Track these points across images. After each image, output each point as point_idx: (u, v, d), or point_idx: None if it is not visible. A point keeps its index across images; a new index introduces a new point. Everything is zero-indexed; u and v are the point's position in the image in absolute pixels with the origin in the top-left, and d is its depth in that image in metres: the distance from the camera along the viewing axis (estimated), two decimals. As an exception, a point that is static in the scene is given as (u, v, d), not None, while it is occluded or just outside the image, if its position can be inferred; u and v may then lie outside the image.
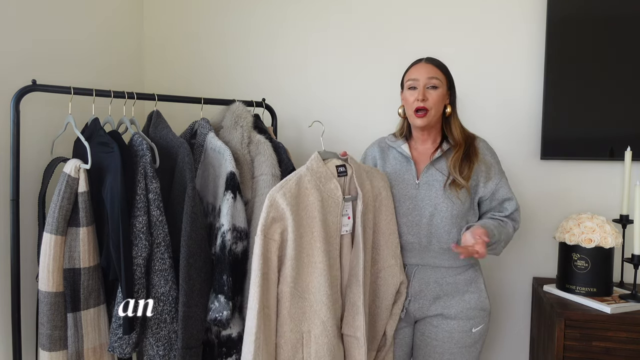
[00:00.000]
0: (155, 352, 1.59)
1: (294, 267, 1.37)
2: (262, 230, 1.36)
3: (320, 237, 1.40)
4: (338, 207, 1.45)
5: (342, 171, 1.48)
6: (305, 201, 1.41)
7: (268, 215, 1.37)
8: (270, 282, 1.38)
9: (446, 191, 1.56)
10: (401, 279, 1.56)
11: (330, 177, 1.45)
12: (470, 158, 1.57)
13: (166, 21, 2.39)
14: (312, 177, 1.43)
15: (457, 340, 1.57)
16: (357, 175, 1.49)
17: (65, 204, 1.50)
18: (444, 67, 1.60)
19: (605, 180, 2.04)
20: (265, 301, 1.37)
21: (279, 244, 1.38)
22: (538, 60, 2.07)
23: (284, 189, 1.39)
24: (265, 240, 1.37)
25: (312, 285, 1.39)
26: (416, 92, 1.55)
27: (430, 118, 1.56)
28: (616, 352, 1.62)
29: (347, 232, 1.47)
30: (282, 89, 2.30)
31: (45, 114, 1.75)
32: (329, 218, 1.44)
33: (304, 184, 1.42)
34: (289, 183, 1.41)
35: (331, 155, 1.50)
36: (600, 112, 1.97)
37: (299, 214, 1.39)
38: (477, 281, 1.62)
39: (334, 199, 1.45)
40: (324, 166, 1.45)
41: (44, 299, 1.50)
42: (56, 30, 1.84)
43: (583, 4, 1.97)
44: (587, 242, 1.74)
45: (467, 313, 1.58)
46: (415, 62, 1.62)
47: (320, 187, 1.43)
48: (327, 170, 1.45)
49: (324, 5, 2.25)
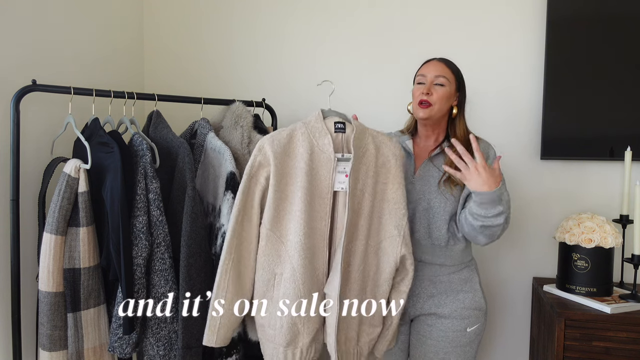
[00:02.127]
0: (155, 352, 1.59)
1: (273, 210, 1.44)
2: (248, 172, 1.44)
3: (303, 187, 1.42)
4: (331, 163, 1.45)
5: (339, 127, 1.48)
6: (293, 152, 1.45)
7: (255, 159, 1.45)
8: (252, 221, 1.45)
9: (441, 187, 1.57)
10: (402, 252, 1.50)
11: (325, 133, 1.46)
12: None
13: (166, 21, 2.39)
14: (306, 130, 1.47)
15: (452, 340, 1.57)
16: (356, 136, 1.47)
17: (65, 204, 1.50)
18: (455, 68, 1.62)
19: (605, 180, 2.04)
20: (244, 238, 1.45)
21: (264, 187, 1.45)
22: (538, 60, 2.07)
23: (274, 137, 1.45)
24: (251, 180, 1.44)
25: (289, 232, 1.43)
26: (422, 87, 1.58)
27: (432, 112, 1.57)
28: (616, 352, 1.62)
29: (342, 190, 1.47)
30: (282, 88, 2.30)
31: (45, 114, 1.75)
32: (321, 172, 1.45)
33: (297, 136, 1.46)
34: (281, 133, 1.46)
35: (335, 114, 1.51)
36: (600, 112, 1.97)
37: (284, 163, 1.44)
38: (472, 280, 1.62)
39: (326, 154, 1.46)
40: (322, 122, 1.48)
41: (44, 299, 1.50)
42: (56, 31, 1.84)
43: (583, 4, 1.97)
44: (587, 242, 1.74)
45: (461, 312, 1.58)
46: (428, 60, 1.65)
47: (313, 142, 1.46)
48: (323, 126, 1.47)
49: (326, 6, 2.25)
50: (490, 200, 1.42)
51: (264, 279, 1.46)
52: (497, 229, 1.48)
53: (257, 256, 1.47)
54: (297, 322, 1.44)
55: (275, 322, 1.45)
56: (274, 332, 1.46)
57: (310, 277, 1.44)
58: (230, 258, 1.44)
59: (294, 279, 1.42)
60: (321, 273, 1.47)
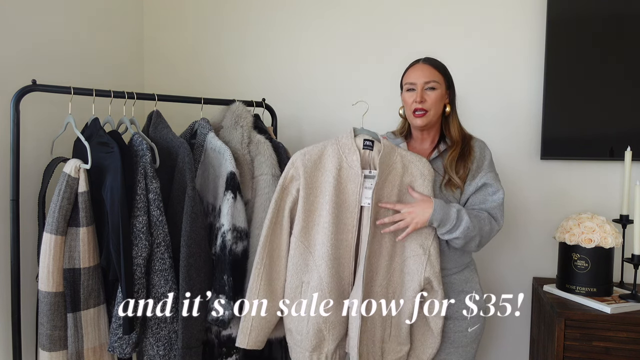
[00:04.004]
0: (155, 352, 1.59)
1: (302, 221, 1.52)
2: (281, 184, 1.54)
3: (331, 201, 1.49)
4: (358, 178, 1.51)
5: (367, 144, 1.54)
6: (323, 166, 1.54)
7: (288, 172, 1.55)
8: (283, 229, 1.54)
9: (442, 191, 1.56)
10: (427, 274, 1.49)
11: (354, 150, 1.53)
12: (466, 157, 1.56)
13: (166, 21, 2.39)
14: (337, 146, 1.55)
15: (453, 340, 1.57)
16: (383, 154, 1.51)
17: (65, 204, 1.50)
18: (442, 67, 1.60)
19: (605, 180, 2.04)
20: (275, 245, 1.54)
21: (295, 198, 1.53)
22: (538, 60, 2.07)
23: (306, 152, 1.55)
24: (283, 192, 1.54)
25: (317, 242, 1.50)
26: (414, 94, 1.56)
27: (429, 118, 1.57)
28: (616, 352, 1.62)
29: (368, 205, 1.50)
30: (282, 89, 2.30)
31: (45, 114, 1.75)
32: (349, 187, 1.52)
33: (327, 152, 1.55)
34: (313, 149, 1.56)
35: (367, 132, 1.56)
36: (600, 112, 1.97)
37: (314, 176, 1.53)
38: (473, 281, 1.62)
39: (354, 170, 1.52)
40: (352, 140, 1.54)
41: (44, 299, 1.49)
42: (56, 31, 1.84)
43: (583, 4, 1.97)
44: (587, 242, 1.74)
45: (462, 313, 1.57)
46: (413, 63, 1.62)
47: (342, 157, 1.53)
48: (352, 143, 1.54)
49: (325, 6, 2.25)
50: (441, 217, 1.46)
51: (293, 285, 1.53)
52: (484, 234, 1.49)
53: (287, 263, 1.54)
54: (322, 329, 1.49)
55: (302, 327, 1.51)
56: (301, 337, 1.52)
57: (336, 286, 1.49)
58: (262, 263, 1.53)
59: (321, 287, 1.48)
60: (347, 283, 1.52)
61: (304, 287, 1.51)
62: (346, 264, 1.51)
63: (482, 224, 1.49)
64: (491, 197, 1.54)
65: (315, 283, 1.48)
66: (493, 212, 1.53)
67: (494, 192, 1.54)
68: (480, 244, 1.52)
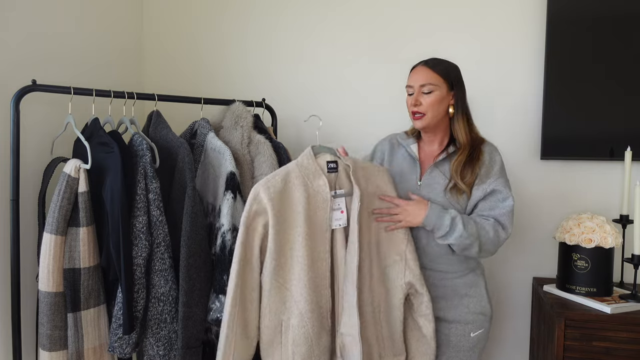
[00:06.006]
0: (155, 352, 1.59)
1: (275, 259, 1.42)
2: (244, 222, 1.41)
3: (303, 232, 1.42)
4: (327, 203, 1.45)
5: (332, 167, 1.48)
6: (290, 197, 1.43)
7: (251, 208, 1.42)
8: (253, 270, 1.43)
9: (447, 195, 1.54)
10: (408, 279, 1.50)
11: (319, 174, 1.46)
12: (474, 162, 1.54)
13: (166, 21, 2.39)
14: (300, 172, 1.45)
15: (455, 344, 1.57)
16: (353, 171, 1.48)
17: (65, 204, 1.50)
18: (443, 68, 1.57)
19: (605, 180, 2.04)
20: (247, 288, 1.43)
21: (262, 235, 1.42)
22: (538, 60, 2.06)
23: (269, 183, 1.43)
24: (247, 231, 1.41)
25: (293, 278, 1.42)
26: (412, 98, 1.57)
27: (427, 121, 1.55)
28: (616, 352, 1.62)
29: (340, 226, 1.47)
30: (282, 89, 2.30)
31: (45, 114, 1.75)
32: (318, 214, 1.44)
33: (291, 180, 1.44)
34: (275, 178, 1.44)
35: (325, 150, 1.50)
36: (600, 112, 1.97)
37: (283, 209, 1.42)
38: (478, 285, 1.60)
39: (322, 195, 1.45)
40: (314, 162, 1.46)
41: (44, 299, 1.49)
42: (56, 30, 1.84)
43: (583, 4, 1.97)
44: (587, 242, 1.74)
45: (465, 317, 1.57)
46: (415, 65, 1.61)
47: (308, 184, 1.45)
48: (316, 167, 1.46)
49: (325, 6, 2.25)
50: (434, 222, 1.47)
51: (271, 325, 1.45)
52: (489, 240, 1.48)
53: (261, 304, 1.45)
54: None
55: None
56: None
57: (318, 319, 1.43)
58: (235, 311, 1.42)
59: (303, 324, 1.41)
60: (325, 311, 1.46)
61: (284, 324, 1.44)
62: (323, 292, 1.45)
63: (484, 232, 1.47)
64: (501, 204, 1.52)
65: (296, 320, 1.42)
66: (501, 219, 1.51)
67: (504, 199, 1.52)
68: (482, 250, 1.50)
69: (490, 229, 1.48)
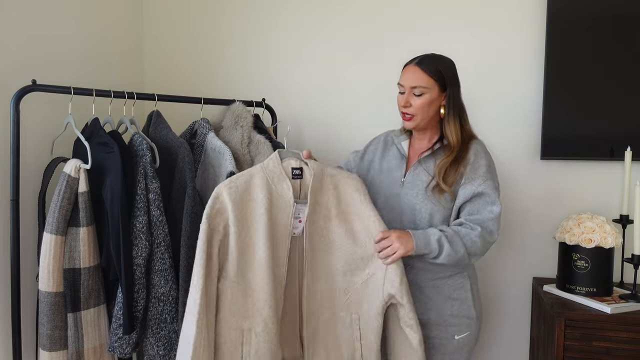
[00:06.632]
0: (155, 352, 1.59)
1: (236, 262, 1.37)
2: (206, 218, 1.36)
3: (265, 235, 1.37)
4: (289, 208, 1.42)
5: (296, 174, 1.45)
6: (252, 199, 1.40)
7: (213, 206, 1.37)
8: (212, 272, 1.35)
9: (428, 193, 1.52)
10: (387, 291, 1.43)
11: (283, 178, 1.43)
12: (459, 163, 1.51)
13: (166, 21, 2.39)
14: (264, 175, 1.42)
15: (438, 347, 1.54)
16: (315, 179, 1.44)
17: (65, 204, 1.50)
18: (435, 68, 1.52)
19: (605, 180, 2.03)
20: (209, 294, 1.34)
21: (222, 236, 1.37)
22: (538, 60, 2.06)
23: (232, 183, 1.40)
24: (209, 229, 1.36)
25: (256, 283, 1.37)
26: (403, 98, 1.54)
27: (417, 122, 1.54)
28: (616, 352, 1.62)
29: (297, 235, 1.45)
30: (282, 89, 2.30)
31: (45, 114, 1.75)
32: (280, 217, 1.41)
33: (255, 182, 1.41)
34: (239, 179, 1.41)
35: (292, 155, 1.48)
36: (600, 112, 1.97)
37: (244, 211, 1.38)
38: (464, 288, 1.56)
39: (285, 200, 1.42)
40: (279, 166, 1.44)
41: (44, 299, 1.49)
42: (56, 30, 1.84)
43: (583, 4, 1.97)
44: (587, 242, 1.74)
45: (447, 319, 1.54)
46: (408, 63, 1.57)
47: (272, 186, 1.42)
48: (281, 171, 1.43)
49: (325, 6, 2.25)
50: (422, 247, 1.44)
51: (232, 337, 1.36)
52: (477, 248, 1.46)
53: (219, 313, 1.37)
54: None
55: None
56: None
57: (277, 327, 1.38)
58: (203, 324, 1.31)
59: (268, 331, 1.35)
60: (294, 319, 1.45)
61: (246, 335, 1.36)
62: (281, 300, 1.41)
63: (470, 243, 1.45)
64: (488, 208, 1.48)
65: (260, 328, 1.35)
66: (488, 224, 1.47)
67: (491, 203, 1.48)
68: (472, 259, 1.49)
69: (477, 239, 1.45)
